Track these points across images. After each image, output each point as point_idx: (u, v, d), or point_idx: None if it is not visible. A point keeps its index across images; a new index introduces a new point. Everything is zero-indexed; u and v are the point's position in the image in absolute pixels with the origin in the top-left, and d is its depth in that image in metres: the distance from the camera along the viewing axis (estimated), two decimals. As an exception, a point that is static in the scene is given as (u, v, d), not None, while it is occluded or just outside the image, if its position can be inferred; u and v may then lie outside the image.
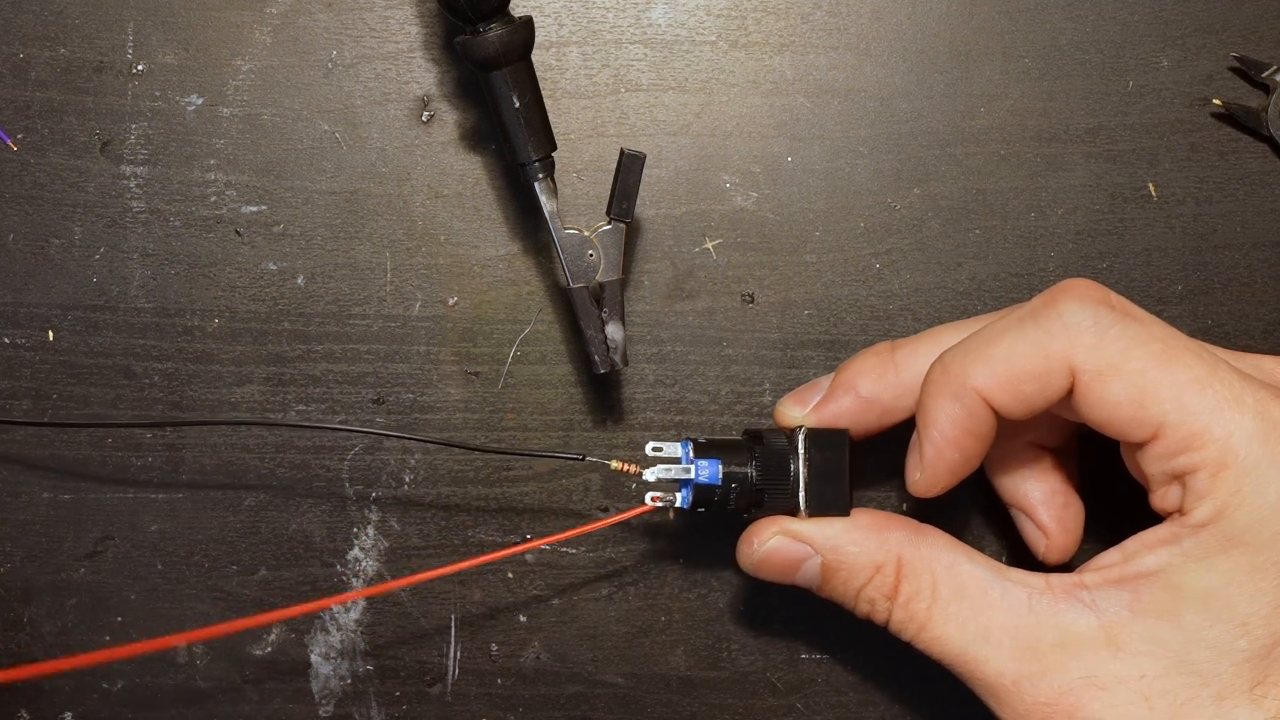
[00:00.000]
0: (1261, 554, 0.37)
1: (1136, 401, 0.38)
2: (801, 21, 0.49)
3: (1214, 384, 0.38)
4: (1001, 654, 0.39)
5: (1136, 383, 0.38)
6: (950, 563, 0.41)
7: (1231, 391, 0.38)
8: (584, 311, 0.45)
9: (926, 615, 0.41)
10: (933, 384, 0.41)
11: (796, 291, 0.49)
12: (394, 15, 0.49)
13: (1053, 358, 0.39)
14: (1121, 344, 0.38)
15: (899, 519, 0.43)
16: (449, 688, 0.49)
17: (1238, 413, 0.37)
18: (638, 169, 0.44)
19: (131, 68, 0.48)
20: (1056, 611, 0.39)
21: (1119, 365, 0.38)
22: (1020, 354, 0.39)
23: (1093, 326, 0.38)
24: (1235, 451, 0.37)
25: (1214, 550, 0.37)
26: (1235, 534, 0.37)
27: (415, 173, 0.49)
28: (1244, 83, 0.49)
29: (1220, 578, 0.37)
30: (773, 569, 0.43)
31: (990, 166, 0.49)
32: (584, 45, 0.49)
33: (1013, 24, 0.49)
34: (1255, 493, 0.37)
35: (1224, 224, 0.49)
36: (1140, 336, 0.38)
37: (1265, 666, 0.37)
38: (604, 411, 0.49)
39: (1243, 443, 0.37)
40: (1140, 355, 0.38)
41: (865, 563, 0.42)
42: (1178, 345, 0.38)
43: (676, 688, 0.49)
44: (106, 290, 0.48)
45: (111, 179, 0.48)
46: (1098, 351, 0.38)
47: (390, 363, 0.48)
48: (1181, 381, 0.38)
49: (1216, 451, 0.37)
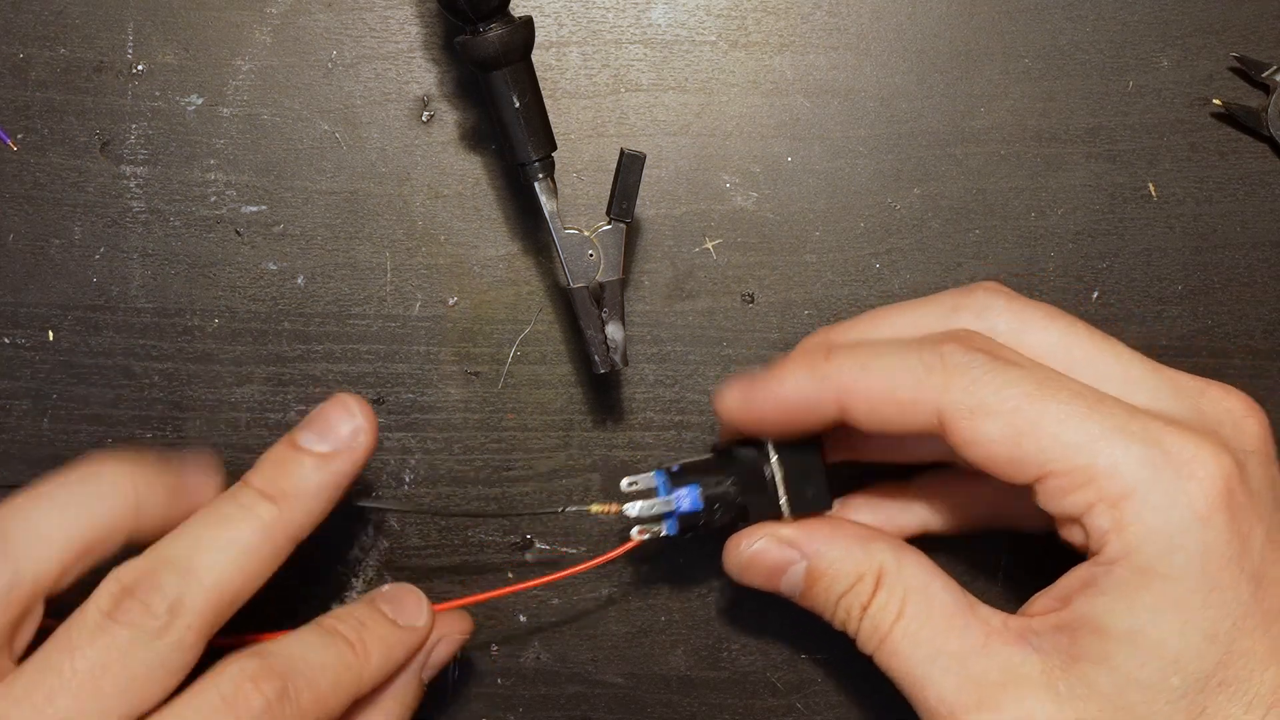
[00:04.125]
0: (1180, 584, 0.36)
1: (1013, 440, 0.38)
2: (801, 21, 0.49)
3: (1096, 417, 0.37)
4: (947, 681, 0.39)
5: (1011, 421, 0.37)
6: (924, 584, 0.41)
7: (1115, 423, 0.37)
8: (584, 311, 0.45)
9: (889, 629, 0.41)
10: (805, 353, 0.41)
11: (796, 291, 0.49)
12: (394, 15, 0.49)
13: (922, 391, 0.39)
14: (996, 385, 0.38)
15: (883, 533, 0.43)
16: (449, 688, 0.49)
17: (1124, 442, 0.37)
18: (638, 169, 0.44)
19: (131, 68, 0.48)
20: (1008, 651, 0.39)
21: (992, 405, 0.38)
22: (894, 378, 0.39)
23: (969, 369, 0.38)
24: (1127, 482, 0.36)
25: (1132, 587, 0.37)
26: (1148, 567, 0.36)
27: (415, 173, 0.49)
28: (1244, 83, 0.49)
29: (1144, 615, 0.37)
30: (758, 573, 0.43)
31: (990, 166, 0.49)
32: (584, 45, 0.49)
33: (1013, 24, 0.49)
34: (1157, 521, 0.36)
35: (1224, 224, 0.49)
36: (1016, 379, 0.38)
37: (1202, 700, 0.36)
38: (604, 411, 0.49)
39: (1133, 472, 0.36)
40: (1014, 395, 0.38)
41: (849, 570, 0.42)
42: (1055, 385, 0.38)
43: (676, 688, 0.49)
44: (106, 290, 0.48)
45: (111, 179, 0.48)
46: (970, 393, 0.38)
47: (390, 363, 0.48)
48: (1059, 417, 0.37)
49: (1108, 485, 0.37)
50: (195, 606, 0.38)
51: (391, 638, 0.41)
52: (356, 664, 0.40)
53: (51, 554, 0.38)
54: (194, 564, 0.38)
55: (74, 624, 0.37)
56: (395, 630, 0.42)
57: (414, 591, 0.43)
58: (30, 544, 0.38)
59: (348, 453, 0.41)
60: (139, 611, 0.37)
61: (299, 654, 0.39)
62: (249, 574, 0.39)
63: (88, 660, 0.36)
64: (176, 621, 0.37)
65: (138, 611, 0.37)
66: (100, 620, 0.37)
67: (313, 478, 0.40)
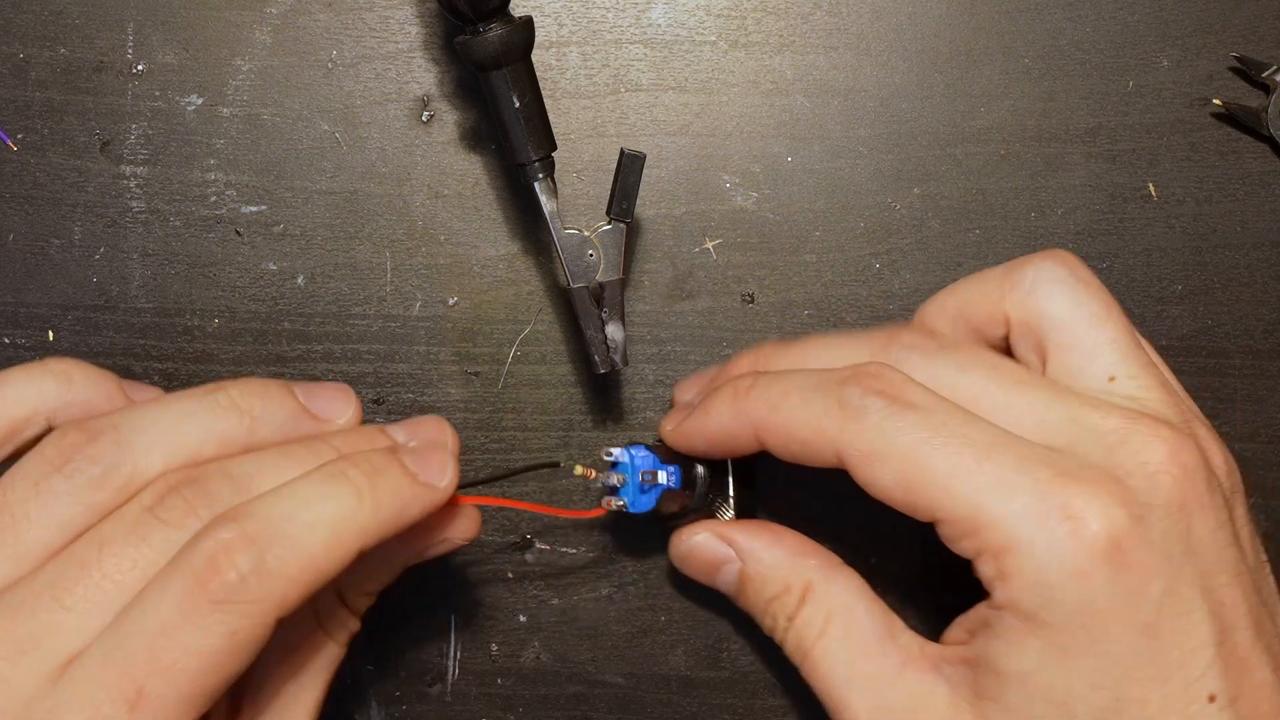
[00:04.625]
0: (1064, 634, 0.36)
1: (904, 486, 0.38)
2: (801, 21, 0.49)
3: (985, 468, 0.37)
4: (862, 703, 0.40)
5: (901, 468, 0.38)
6: (850, 605, 0.42)
7: (1001, 475, 0.37)
8: (584, 311, 0.45)
9: (811, 645, 0.42)
10: (729, 388, 0.42)
11: (796, 291, 0.49)
12: (394, 15, 0.49)
13: (822, 433, 0.39)
14: (889, 431, 0.38)
15: (821, 551, 0.44)
16: (449, 688, 0.49)
17: (1008, 495, 0.37)
18: (638, 169, 0.44)
19: (131, 68, 0.48)
20: (920, 680, 0.40)
21: (884, 451, 0.38)
22: (800, 415, 0.40)
23: (866, 411, 0.39)
24: (1009, 534, 0.37)
25: (1020, 633, 0.37)
26: (1032, 614, 0.37)
27: (415, 173, 0.49)
28: (1244, 83, 0.49)
29: (1032, 659, 0.37)
30: (696, 565, 0.45)
31: (990, 166, 0.49)
32: (584, 45, 0.49)
33: (1013, 24, 0.49)
34: (1037, 575, 0.36)
35: (1224, 224, 0.49)
36: (911, 424, 0.38)
37: None
38: (604, 411, 0.49)
39: (1015, 525, 0.37)
40: (906, 442, 0.38)
41: (777, 578, 0.43)
42: (949, 431, 0.38)
43: (676, 688, 0.49)
44: (106, 290, 0.48)
45: (111, 179, 0.48)
46: (864, 438, 0.39)
47: (390, 363, 0.48)
48: (946, 468, 0.37)
49: (991, 536, 0.37)
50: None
51: (406, 491, 0.38)
52: (362, 516, 0.37)
53: (159, 459, 0.38)
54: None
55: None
56: (413, 484, 0.38)
57: (442, 449, 0.40)
58: (144, 446, 0.38)
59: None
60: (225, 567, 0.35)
61: (286, 512, 0.36)
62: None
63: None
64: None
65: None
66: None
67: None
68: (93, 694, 0.34)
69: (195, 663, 0.34)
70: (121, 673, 0.34)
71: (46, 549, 0.36)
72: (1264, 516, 0.49)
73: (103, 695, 0.34)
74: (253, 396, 0.39)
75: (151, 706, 0.34)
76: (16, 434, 0.39)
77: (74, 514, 0.36)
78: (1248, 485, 0.41)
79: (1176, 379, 0.43)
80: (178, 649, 0.34)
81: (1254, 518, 0.41)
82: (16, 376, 0.40)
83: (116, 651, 0.34)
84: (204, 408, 0.39)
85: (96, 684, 0.34)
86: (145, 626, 0.34)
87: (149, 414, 0.38)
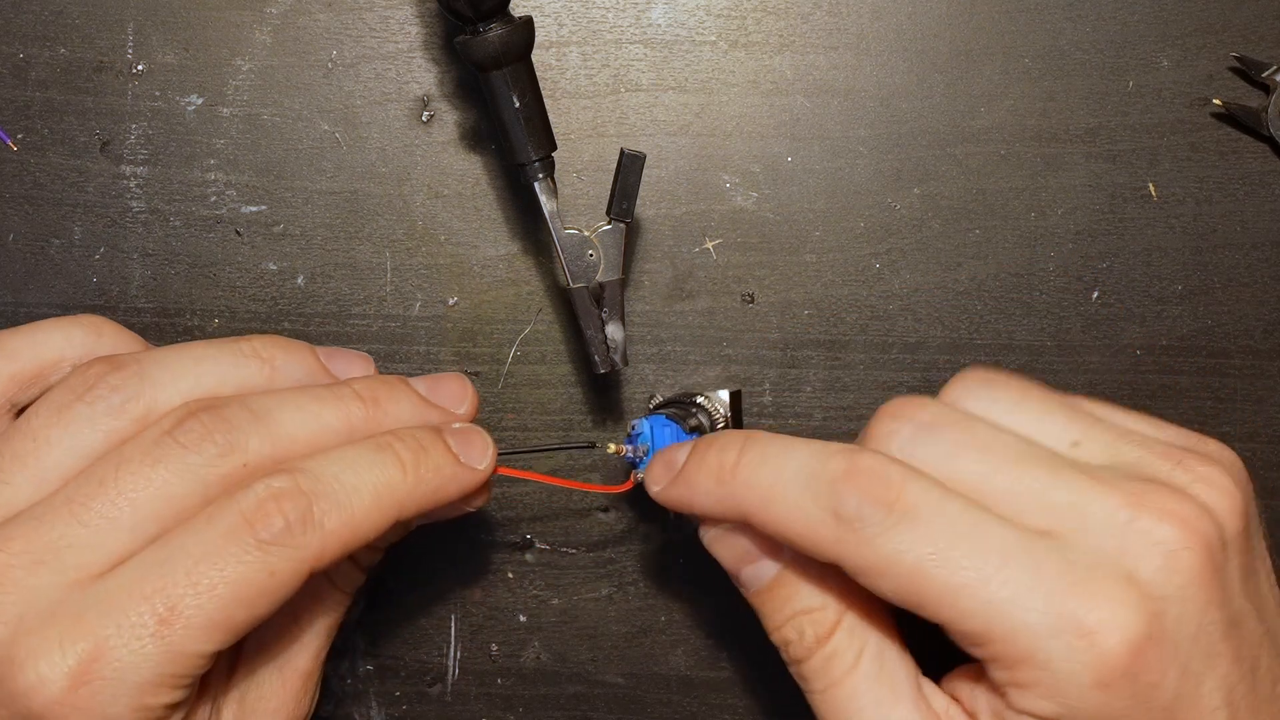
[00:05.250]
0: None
1: (908, 599, 0.37)
2: (801, 21, 0.49)
3: (995, 582, 0.36)
4: None
5: (903, 585, 0.37)
6: (883, 647, 0.40)
7: (1014, 591, 0.36)
8: (584, 311, 0.45)
9: (841, 677, 0.40)
10: (714, 459, 0.40)
11: (796, 291, 0.49)
12: (394, 15, 0.49)
13: (818, 544, 0.38)
14: (888, 548, 0.37)
15: (863, 588, 0.42)
16: (449, 688, 0.49)
17: (1022, 611, 0.36)
18: (638, 169, 0.44)
19: (131, 68, 0.48)
20: None
21: (883, 569, 0.37)
22: (793, 517, 0.38)
23: (863, 523, 0.37)
24: (1023, 649, 0.36)
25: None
26: (1053, 718, 0.36)
27: (415, 173, 0.49)
28: (1244, 83, 0.49)
29: None
30: (730, 549, 0.42)
31: (990, 166, 0.49)
32: (584, 45, 0.49)
33: (1013, 24, 0.49)
34: (1059, 688, 0.36)
35: (1224, 224, 0.49)
36: (911, 543, 0.37)
37: None
38: (604, 411, 0.49)
39: (1033, 641, 0.36)
40: (908, 560, 0.36)
41: (817, 593, 0.41)
42: (953, 544, 0.37)
43: (676, 688, 0.49)
44: (106, 290, 0.48)
45: (111, 179, 0.48)
46: (862, 554, 0.37)
47: (390, 363, 0.48)
48: (955, 584, 0.36)
49: (1004, 649, 0.36)
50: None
51: (447, 470, 0.40)
52: (403, 488, 0.39)
53: (178, 393, 0.39)
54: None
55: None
56: (455, 464, 0.40)
57: (482, 434, 0.41)
58: (165, 381, 0.39)
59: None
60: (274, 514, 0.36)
61: (335, 473, 0.37)
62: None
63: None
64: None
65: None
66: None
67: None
68: (123, 602, 0.35)
69: (230, 591, 0.36)
70: (157, 588, 0.35)
71: (67, 472, 0.37)
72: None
73: (134, 605, 0.35)
74: (275, 348, 0.41)
75: (179, 623, 0.35)
76: (44, 377, 0.41)
77: (94, 440, 0.38)
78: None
79: (1135, 416, 0.41)
80: (216, 574, 0.35)
81: (1269, 543, 0.40)
82: (49, 324, 0.41)
83: (156, 569, 0.36)
84: (227, 353, 0.40)
85: (129, 594, 0.35)
86: (189, 550, 0.36)
87: (173, 354, 0.40)
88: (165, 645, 0.35)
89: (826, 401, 0.49)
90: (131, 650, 0.35)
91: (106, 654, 0.35)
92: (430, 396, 0.42)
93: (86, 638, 0.35)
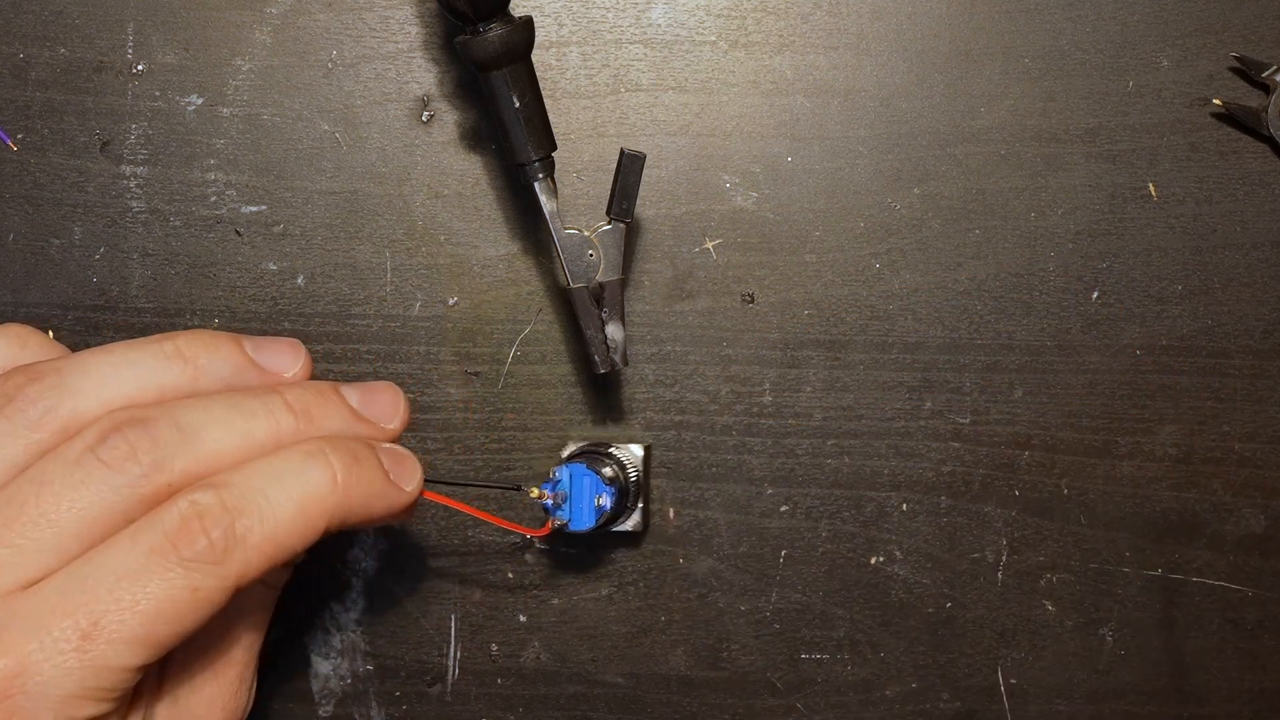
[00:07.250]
0: None
1: None
2: (801, 21, 0.49)
3: None
4: None
5: None
6: None
7: None
8: (584, 311, 0.45)
9: None
10: None
11: (796, 291, 0.49)
12: (394, 15, 0.49)
13: None
14: None
15: None
16: (449, 688, 0.49)
17: None
18: (638, 169, 0.44)
19: (131, 68, 0.48)
20: None
21: None
22: None
23: None
24: None
25: None
26: None
27: (415, 173, 0.49)
28: (1244, 83, 0.49)
29: None
30: None
31: (990, 166, 0.49)
32: (584, 45, 0.49)
33: (1013, 24, 0.49)
34: None
35: (1224, 224, 0.49)
36: None
37: None
38: (604, 411, 0.49)
39: None
40: None
41: None
42: None
43: (676, 688, 0.49)
44: (106, 290, 0.48)
45: (111, 179, 0.48)
46: None
47: (390, 363, 0.48)
48: None
49: None
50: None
51: (378, 486, 0.39)
52: (332, 499, 0.38)
53: (99, 402, 0.38)
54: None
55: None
56: (385, 481, 0.39)
57: (413, 458, 0.41)
58: (85, 390, 0.38)
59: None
60: (200, 541, 0.36)
61: (260, 486, 0.37)
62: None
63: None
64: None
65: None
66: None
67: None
68: (46, 618, 0.35)
69: (153, 608, 0.35)
70: (80, 603, 0.35)
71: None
72: (1264, 516, 0.49)
73: (56, 620, 0.35)
74: (199, 346, 0.40)
75: (102, 638, 0.35)
76: None
77: (15, 453, 0.37)
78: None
79: None
80: (139, 591, 0.35)
81: None
82: None
83: (79, 585, 0.35)
84: (148, 355, 0.39)
85: (52, 610, 0.35)
86: (111, 568, 0.35)
87: (93, 359, 0.39)
88: (88, 660, 0.35)
89: (826, 401, 0.49)
90: (54, 665, 0.34)
91: (29, 669, 0.34)
92: (363, 408, 0.41)
93: (8, 653, 0.34)
